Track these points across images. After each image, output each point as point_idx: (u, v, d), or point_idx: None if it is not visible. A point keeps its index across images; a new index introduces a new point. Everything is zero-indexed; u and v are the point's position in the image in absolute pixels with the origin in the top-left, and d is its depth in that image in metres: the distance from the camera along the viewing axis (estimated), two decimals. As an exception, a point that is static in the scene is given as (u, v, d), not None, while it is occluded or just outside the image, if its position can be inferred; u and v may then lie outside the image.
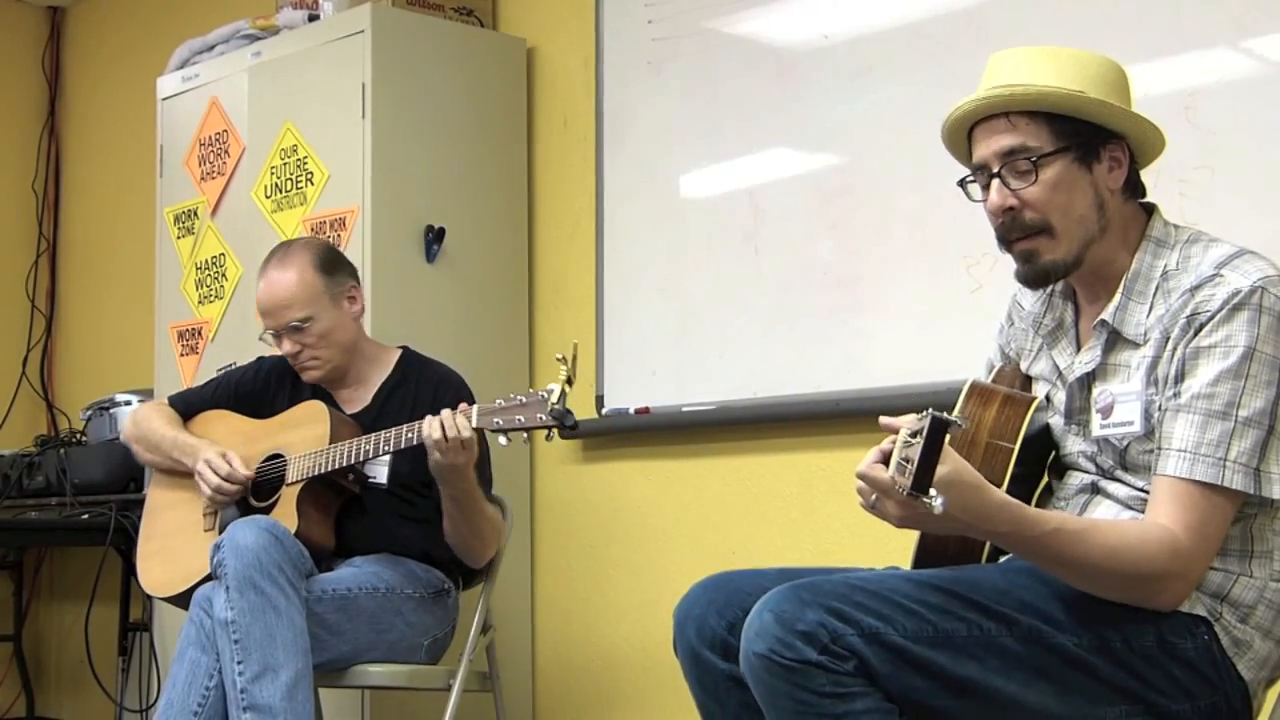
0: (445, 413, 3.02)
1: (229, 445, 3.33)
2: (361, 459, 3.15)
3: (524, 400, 2.93)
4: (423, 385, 3.36)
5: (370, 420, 3.31)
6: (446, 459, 3.03)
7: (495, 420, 2.95)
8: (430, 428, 3.01)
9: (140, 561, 3.50)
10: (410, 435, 3.06)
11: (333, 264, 3.37)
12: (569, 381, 2.88)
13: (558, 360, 2.88)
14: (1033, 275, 2.12)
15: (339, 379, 3.39)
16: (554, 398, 2.88)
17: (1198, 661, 1.99)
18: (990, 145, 2.10)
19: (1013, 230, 2.10)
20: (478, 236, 4.09)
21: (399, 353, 3.46)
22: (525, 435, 2.94)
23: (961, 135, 2.17)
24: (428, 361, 3.45)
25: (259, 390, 3.47)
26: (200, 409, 3.50)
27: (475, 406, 3.00)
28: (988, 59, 2.17)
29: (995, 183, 2.09)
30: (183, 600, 3.27)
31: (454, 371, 3.43)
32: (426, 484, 3.22)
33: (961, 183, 2.18)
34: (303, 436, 3.26)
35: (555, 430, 2.91)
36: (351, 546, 3.27)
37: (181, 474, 3.39)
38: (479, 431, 3.01)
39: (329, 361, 3.35)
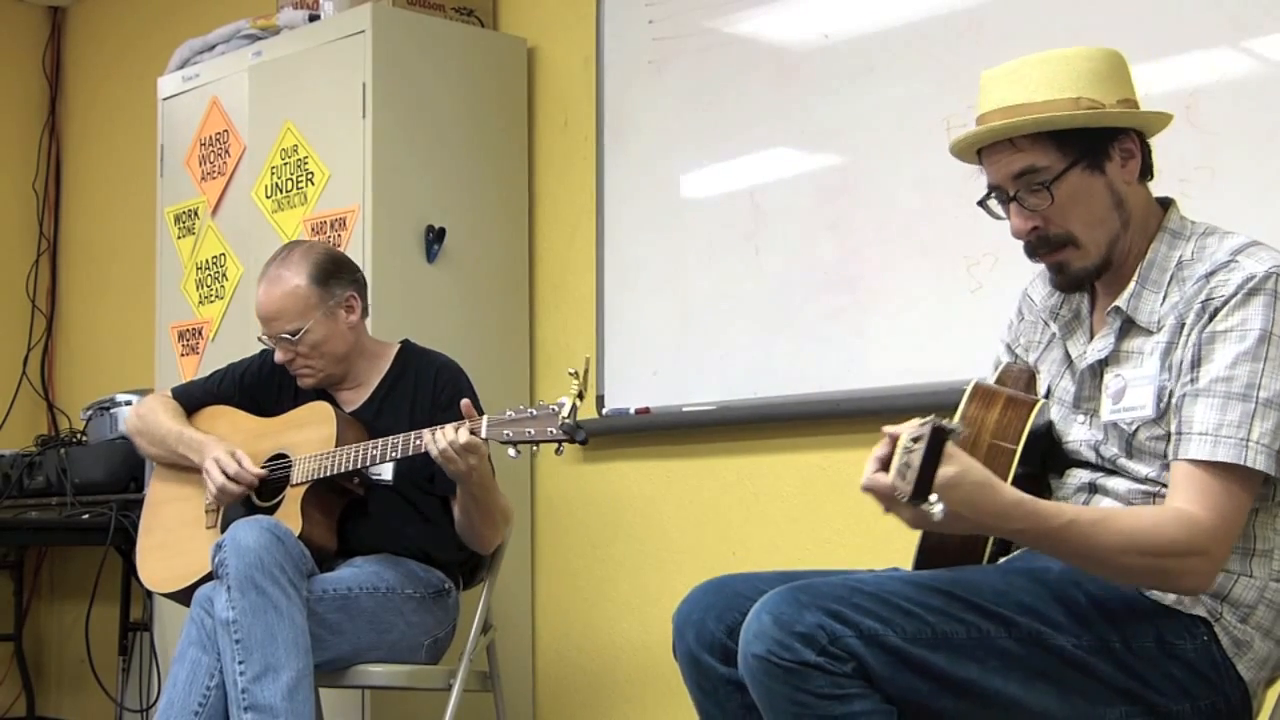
0: (445, 428, 3.02)
1: (233, 443, 3.33)
2: (367, 464, 3.15)
3: (534, 413, 2.91)
4: (422, 375, 3.36)
5: (371, 416, 3.31)
6: (455, 468, 3.03)
7: (505, 432, 2.93)
8: (433, 445, 3.01)
9: (140, 555, 3.49)
10: (418, 442, 3.05)
11: (329, 274, 3.33)
12: (580, 395, 2.85)
13: (570, 375, 2.86)
14: (1068, 283, 2.15)
15: (338, 380, 3.39)
16: (564, 411, 2.86)
17: (1197, 662, 1.99)
18: (1000, 170, 2.11)
19: (1040, 247, 2.12)
20: (478, 236, 4.09)
21: (397, 347, 3.45)
22: (535, 447, 2.93)
23: (970, 155, 2.18)
24: (425, 352, 3.45)
25: (263, 383, 3.46)
26: (205, 402, 3.50)
27: (485, 417, 2.98)
28: (989, 58, 2.17)
29: (1014, 206, 2.10)
30: (183, 597, 3.28)
31: (451, 360, 3.42)
32: (430, 478, 3.23)
33: (982, 202, 2.18)
34: (308, 437, 3.26)
35: (564, 444, 2.89)
36: (353, 546, 3.27)
37: (184, 468, 3.38)
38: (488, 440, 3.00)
39: (322, 370, 3.34)
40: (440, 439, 3.01)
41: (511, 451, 2.93)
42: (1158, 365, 2.04)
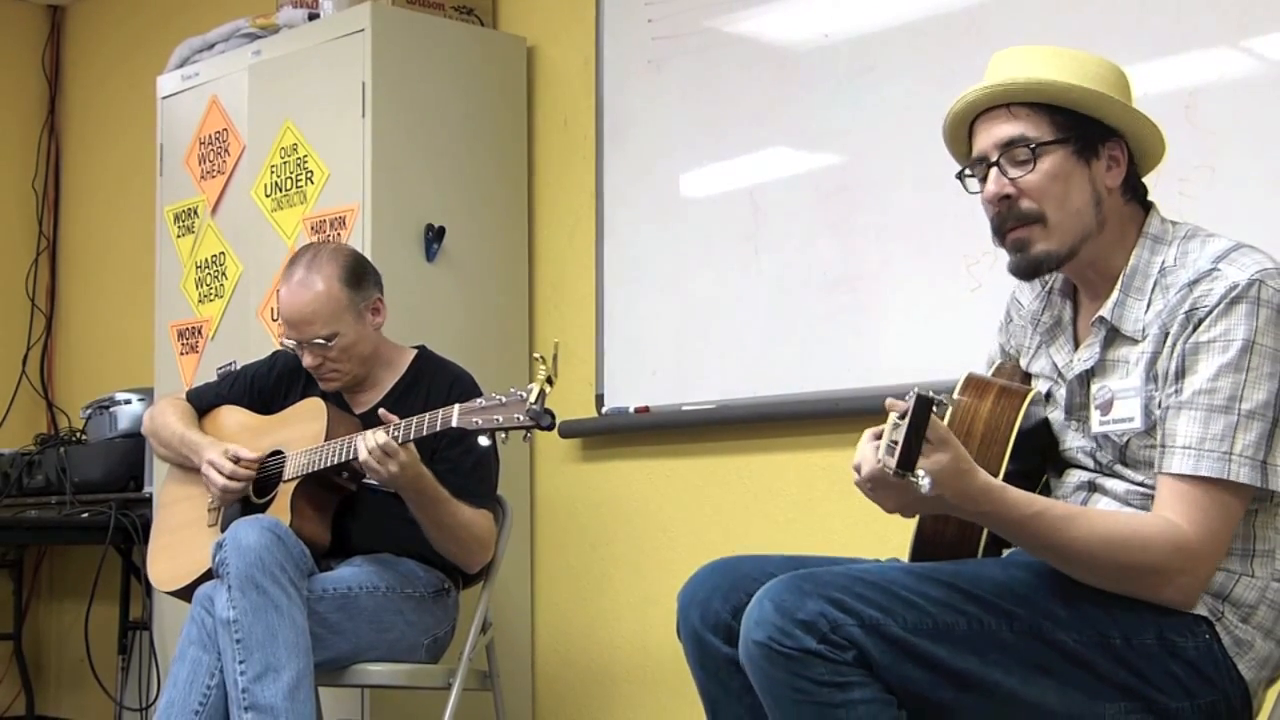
0: (366, 434, 3.02)
1: (235, 440, 3.33)
2: (353, 457, 3.14)
3: (504, 400, 2.89)
4: (436, 385, 3.34)
5: (379, 420, 3.30)
6: (377, 476, 3.03)
7: (474, 420, 2.91)
8: (361, 454, 3.01)
9: (150, 556, 3.53)
10: (396, 433, 3.04)
11: (359, 276, 3.33)
12: (549, 380, 2.84)
13: (536, 359, 2.86)
14: (1024, 265, 2.13)
15: (358, 383, 3.39)
16: (532, 397, 2.83)
17: (1198, 660, 1.99)
18: (991, 136, 2.11)
19: (1008, 219, 2.11)
20: (478, 236, 4.09)
21: (413, 353, 3.45)
22: (504, 435, 2.91)
23: (962, 131, 2.18)
24: (442, 362, 3.44)
25: (272, 386, 3.47)
26: (215, 405, 3.52)
27: (456, 406, 2.95)
28: (989, 58, 2.18)
29: (993, 171, 2.10)
30: (186, 594, 3.28)
31: (467, 372, 3.41)
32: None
33: (960, 175, 2.18)
34: (300, 433, 3.26)
35: (533, 430, 2.85)
36: (352, 546, 3.27)
37: (192, 470, 3.40)
38: (466, 433, 2.97)
39: (349, 374, 3.33)
40: (360, 448, 3.01)
41: (484, 440, 2.89)
42: (1143, 376, 2.04)
